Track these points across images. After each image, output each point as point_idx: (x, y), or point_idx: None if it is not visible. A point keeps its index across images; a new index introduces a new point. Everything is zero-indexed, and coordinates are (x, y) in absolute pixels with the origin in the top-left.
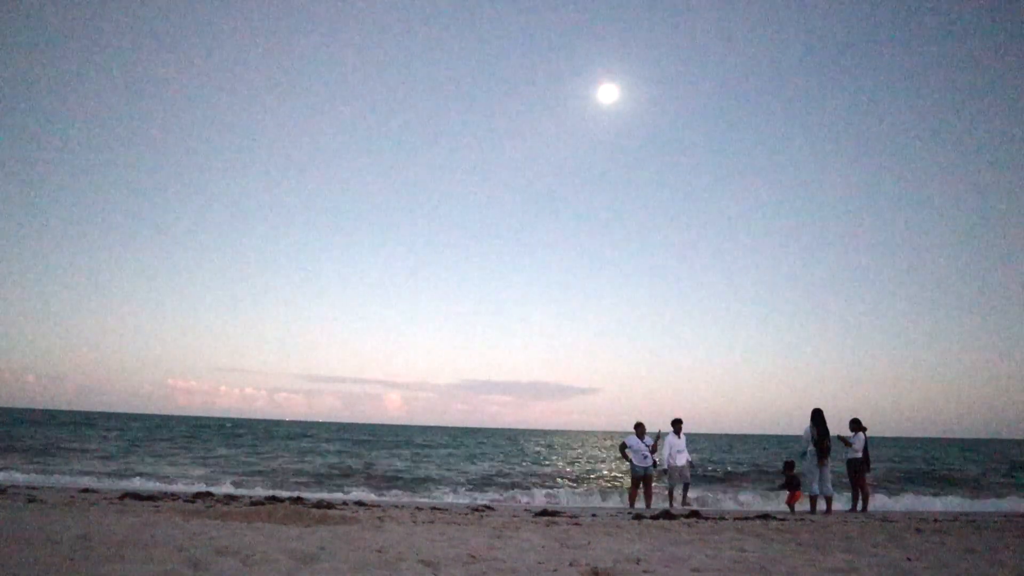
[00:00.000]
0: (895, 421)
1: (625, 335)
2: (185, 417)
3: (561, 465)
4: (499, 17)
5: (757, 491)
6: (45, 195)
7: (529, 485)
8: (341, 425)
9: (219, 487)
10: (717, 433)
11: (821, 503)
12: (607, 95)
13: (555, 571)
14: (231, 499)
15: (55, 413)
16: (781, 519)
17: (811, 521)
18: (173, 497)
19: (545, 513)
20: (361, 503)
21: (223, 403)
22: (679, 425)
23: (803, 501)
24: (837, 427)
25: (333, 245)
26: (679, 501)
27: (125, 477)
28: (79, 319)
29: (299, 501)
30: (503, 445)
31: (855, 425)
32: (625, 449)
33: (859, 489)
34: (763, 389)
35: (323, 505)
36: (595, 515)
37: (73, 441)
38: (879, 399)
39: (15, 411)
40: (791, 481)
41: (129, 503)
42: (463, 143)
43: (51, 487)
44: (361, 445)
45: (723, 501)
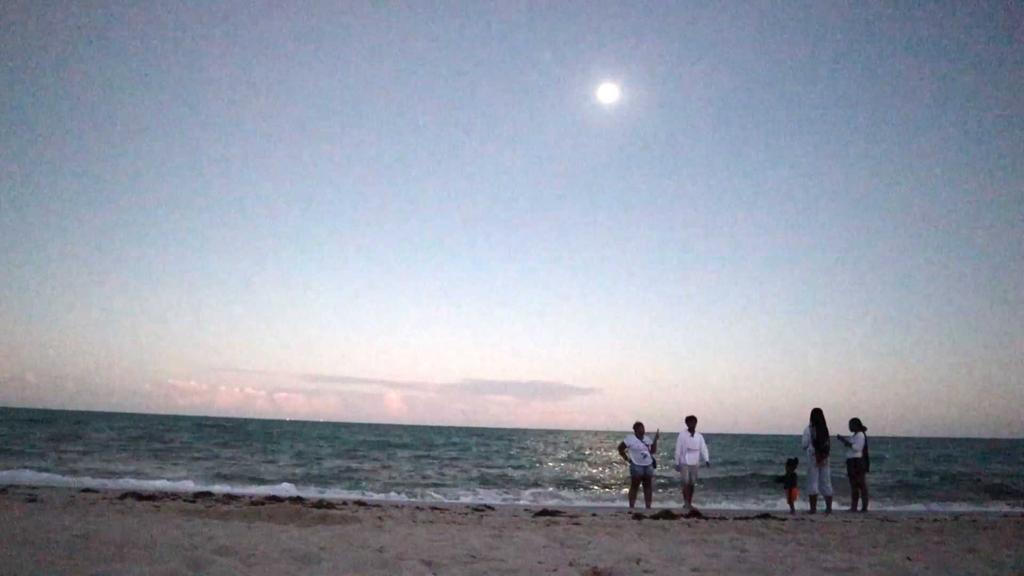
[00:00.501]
0: (895, 421)
1: (625, 335)
2: (185, 417)
3: (561, 465)
4: (499, 17)
5: (757, 490)
6: (45, 195)
7: (529, 485)
8: (341, 425)
9: (219, 487)
10: (717, 433)
11: (821, 503)
12: (607, 95)
13: (555, 571)
14: (231, 499)
15: (55, 413)
16: (781, 519)
17: (811, 521)
18: (173, 497)
19: (545, 513)
20: (361, 503)
21: (223, 403)
22: (692, 423)
23: (803, 499)
24: (837, 427)
25: (333, 245)
26: (689, 502)
27: (125, 477)
28: (79, 319)
29: (299, 501)
30: (503, 445)
31: (855, 425)
32: (624, 449)
33: (859, 489)
34: (763, 389)
35: (323, 505)
36: (595, 515)
37: (73, 441)
38: (879, 399)
39: (15, 411)
40: (792, 478)
41: (129, 503)
42: (462, 143)
43: (51, 487)
44: (360, 445)
45: (723, 501)
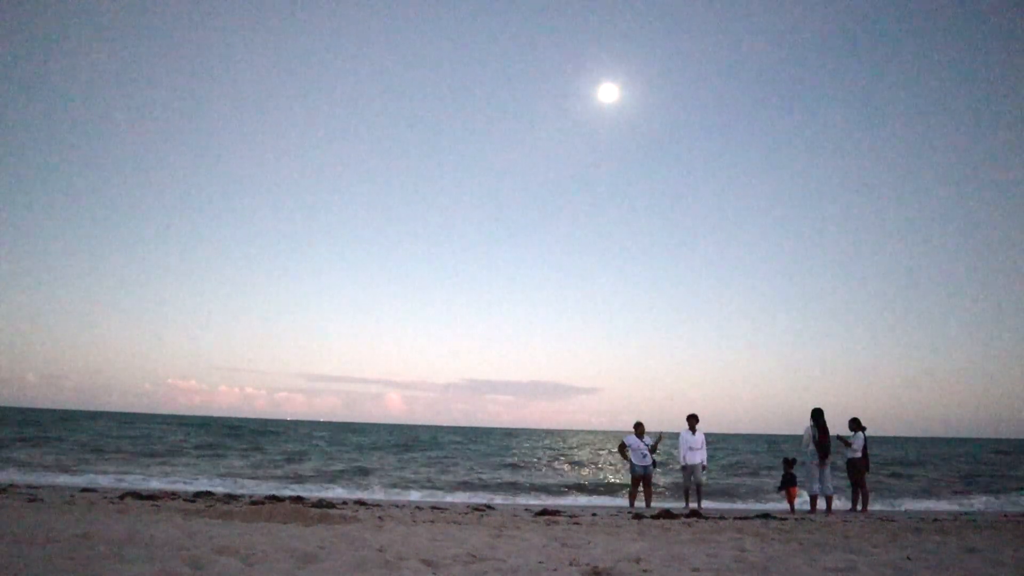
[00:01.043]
0: (896, 421)
1: (625, 335)
2: (185, 417)
3: (561, 465)
4: (499, 17)
5: (757, 491)
6: (45, 195)
7: (529, 484)
8: (341, 425)
9: (219, 487)
10: (718, 433)
11: (821, 502)
12: (607, 95)
13: (555, 570)
14: (231, 498)
15: (55, 413)
16: (781, 519)
17: (811, 521)
18: (173, 496)
19: (545, 512)
20: (361, 502)
21: (223, 403)
22: (693, 421)
23: (803, 498)
24: (837, 427)
25: (333, 245)
26: (695, 503)
27: (125, 477)
28: (79, 319)
29: (299, 500)
30: (503, 444)
31: (854, 425)
32: (625, 449)
33: (859, 489)
34: (763, 389)
35: (323, 504)
36: (595, 515)
37: (72, 441)
38: (879, 398)
39: (15, 411)
40: (790, 478)
41: (129, 502)
42: (463, 143)
43: (51, 486)
44: (360, 444)
45: (723, 501)
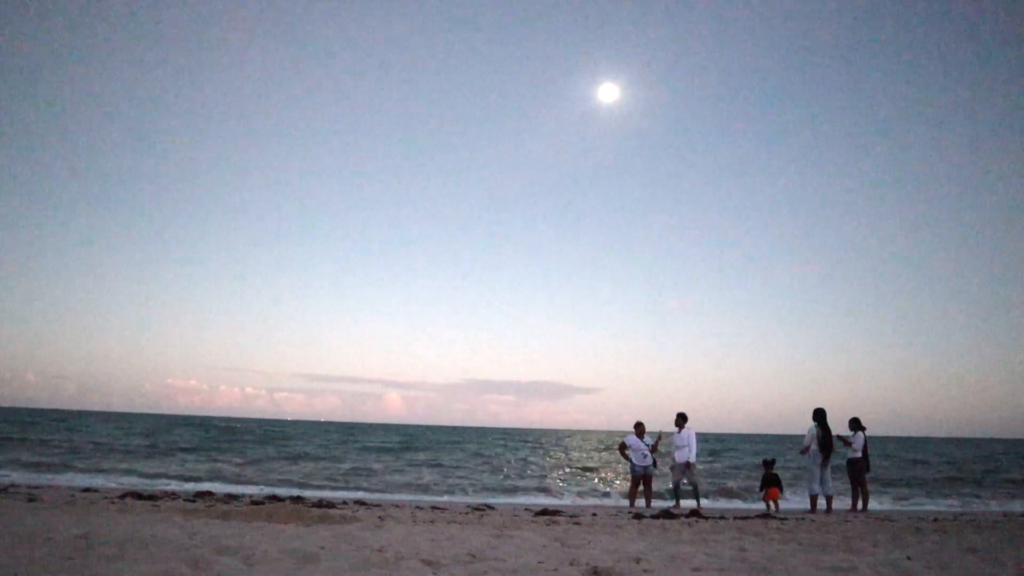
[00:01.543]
0: (895, 421)
1: (625, 335)
2: (185, 417)
3: (561, 464)
4: (500, 17)
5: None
6: (45, 195)
7: (529, 484)
8: (342, 425)
9: (219, 487)
10: (718, 433)
11: (821, 502)
12: (607, 95)
13: (555, 570)
14: (231, 498)
15: (55, 413)
16: (781, 519)
17: (811, 521)
18: (173, 496)
19: (545, 512)
20: (361, 503)
21: (223, 403)
22: (681, 420)
23: (802, 499)
24: (837, 427)
25: (333, 245)
26: (693, 502)
27: (125, 477)
28: (79, 319)
29: (299, 501)
30: (503, 444)
31: (855, 424)
32: (625, 449)
33: (859, 488)
34: (764, 388)
35: (323, 504)
36: (595, 514)
37: (72, 441)
38: (879, 398)
39: (15, 411)
40: (770, 479)
41: (129, 502)
42: (463, 142)
43: (51, 486)
44: (360, 444)
45: (723, 501)
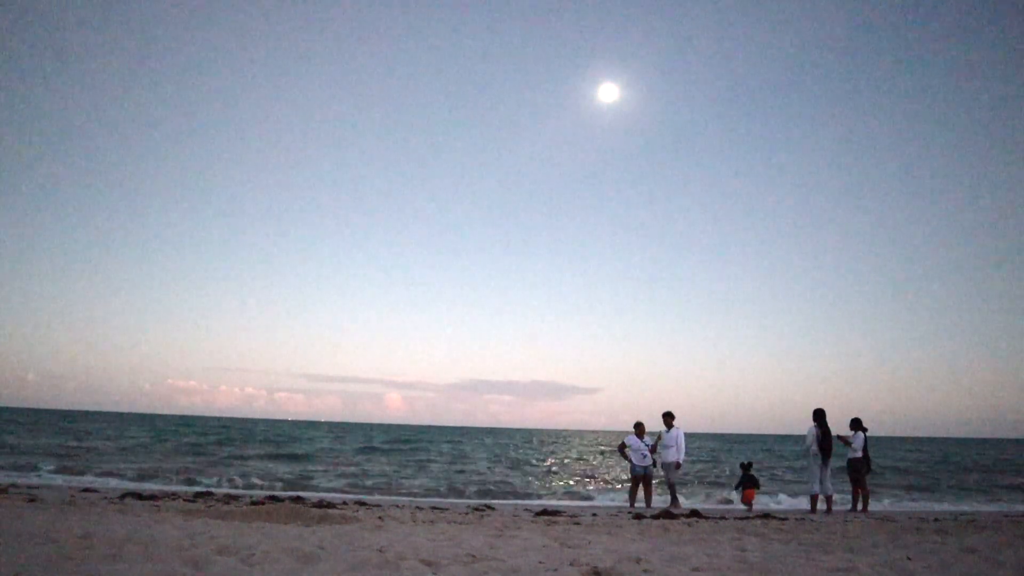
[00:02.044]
0: (895, 421)
1: (625, 335)
2: (185, 417)
3: (561, 464)
4: (499, 17)
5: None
6: (45, 195)
7: (529, 484)
8: (342, 425)
9: (219, 487)
10: (718, 432)
11: (821, 503)
12: (607, 94)
13: (555, 570)
14: (231, 499)
15: (55, 413)
16: (781, 519)
17: (811, 521)
18: (173, 497)
19: (545, 512)
20: (361, 503)
21: (223, 403)
22: (668, 419)
23: (801, 498)
24: (838, 427)
25: (333, 245)
26: (675, 502)
27: (125, 477)
28: (79, 319)
29: (299, 500)
30: (503, 444)
31: (855, 424)
32: (625, 448)
33: (859, 489)
34: (764, 388)
35: (323, 505)
36: (595, 514)
37: (73, 441)
38: (879, 398)
39: (15, 411)
40: (747, 480)
41: (129, 503)
42: (463, 143)
43: (51, 486)
44: (360, 444)
45: (720, 500)
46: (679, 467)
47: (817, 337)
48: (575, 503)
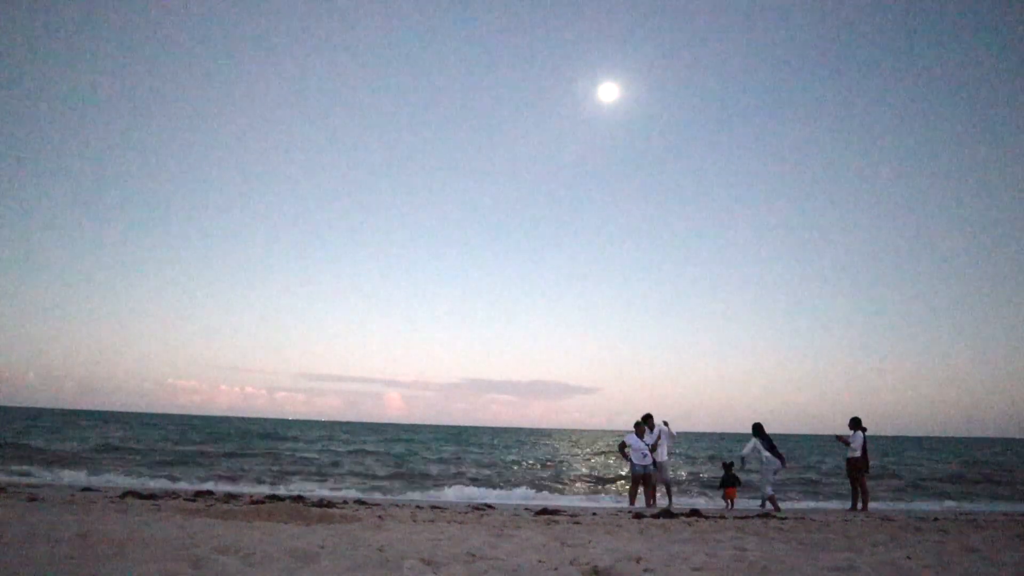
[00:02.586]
0: (895, 420)
1: (625, 335)
2: (185, 416)
3: (561, 464)
4: (499, 16)
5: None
6: (45, 195)
7: (529, 484)
8: (342, 425)
9: (219, 486)
10: (717, 432)
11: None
12: (607, 94)
13: (556, 570)
14: (231, 498)
15: (55, 413)
16: (781, 519)
17: (811, 520)
18: (174, 496)
19: (545, 512)
20: (361, 502)
21: (223, 402)
22: (648, 421)
23: (795, 501)
24: (838, 427)
25: (333, 245)
26: (669, 500)
27: (125, 476)
28: (79, 319)
29: (299, 500)
30: (503, 444)
31: (854, 424)
32: (625, 448)
33: (859, 488)
34: (764, 388)
35: (324, 504)
36: (595, 514)
37: (73, 441)
38: (879, 398)
39: (15, 411)
40: (730, 479)
41: (129, 502)
42: (463, 143)
43: (51, 486)
44: (359, 444)
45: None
46: (657, 465)
47: (818, 337)
48: (575, 502)
